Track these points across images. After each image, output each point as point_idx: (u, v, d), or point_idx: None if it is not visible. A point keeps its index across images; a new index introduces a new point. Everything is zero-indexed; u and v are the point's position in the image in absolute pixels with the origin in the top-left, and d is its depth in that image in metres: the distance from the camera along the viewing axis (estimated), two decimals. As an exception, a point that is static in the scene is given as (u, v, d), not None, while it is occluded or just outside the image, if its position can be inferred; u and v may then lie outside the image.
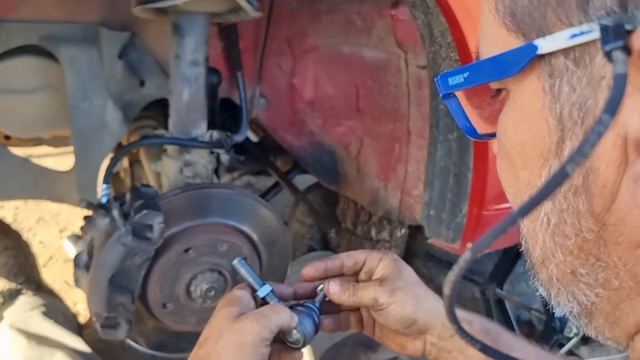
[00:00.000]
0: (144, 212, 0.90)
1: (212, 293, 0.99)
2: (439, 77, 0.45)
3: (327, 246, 1.83)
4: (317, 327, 0.74)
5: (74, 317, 1.52)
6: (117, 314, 0.94)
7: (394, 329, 0.77)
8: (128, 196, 0.98)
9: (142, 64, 1.19)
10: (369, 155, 1.39)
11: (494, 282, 1.58)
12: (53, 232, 2.15)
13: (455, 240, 1.16)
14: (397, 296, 0.74)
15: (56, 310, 1.44)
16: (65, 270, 1.90)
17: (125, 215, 0.94)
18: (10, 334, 1.31)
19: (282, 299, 0.74)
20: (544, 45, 0.34)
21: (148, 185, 1.00)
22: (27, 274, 1.52)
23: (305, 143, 1.49)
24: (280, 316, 0.69)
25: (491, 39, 0.39)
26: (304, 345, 0.73)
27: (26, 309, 1.38)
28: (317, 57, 1.37)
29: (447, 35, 1.01)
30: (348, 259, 0.78)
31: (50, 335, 1.31)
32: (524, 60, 0.35)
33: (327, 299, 0.77)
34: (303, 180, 1.80)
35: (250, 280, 0.73)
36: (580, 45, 0.32)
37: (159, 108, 1.48)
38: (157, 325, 1.04)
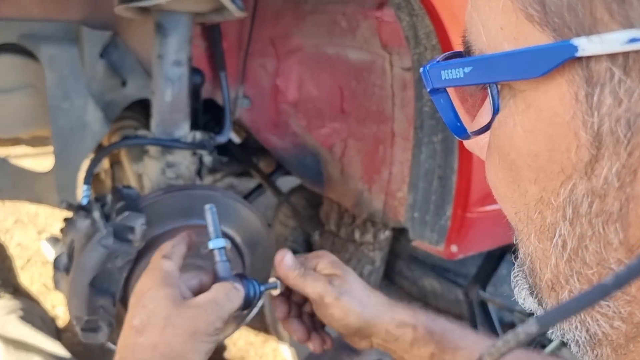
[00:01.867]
0: (126, 213, 0.88)
1: (195, 295, 0.98)
2: (427, 67, 0.39)
3: (311, 248, 1.83)
4: (252, 301, 0.77)
5: (52, 320, 1.50)
6: (97, 317, 0.92)
7: (335, 329, 0.80)
8: (109, 197, 0.96)
9: (124, 63, 1.17)
10: (353, 157, 1.39)
11: (477, 284, 1.59)
12: (31, 233, 2.11)
13: (439, 243, 1.16)
14: (343, 301, 0.76)
15: (34, 314, 1.41)
16: (43, 273, 1.86)
17: (107, 217, 0.92)
18: (-14, 338, 1.28)
19: None
20: (588, 46, 0.28)
21: (129, 187, 0.98)
22: (3, 277, 1.49)
23: (289, 144, 1.48)
24: (233, 304, 0.70)
25: (495, 25, 0.33)
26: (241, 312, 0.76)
27: (3, 313, 1.35)
28: (301, 58, 1.36)
29: (432, 37, 1.01)
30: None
31: (27, 339, 1.28)
32: (555, 61, 0.29)
33: (275, 290, 0.80)
34: (286, 183, 1.79)
35: (212, 229, 0.75)
36: (637, 51, 0.27)
37: (140, 108, 1.47)
38: (139, 329, 1.02)
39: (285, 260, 0.78)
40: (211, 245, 0.77)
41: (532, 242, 0.35)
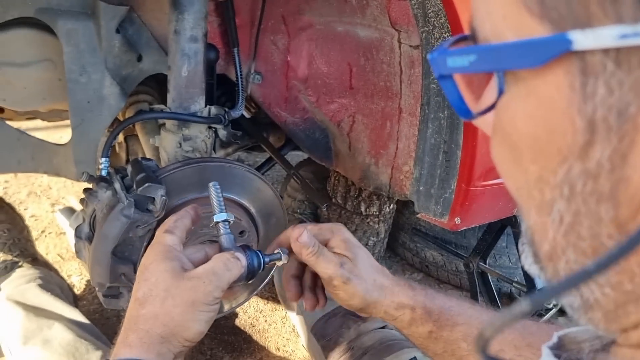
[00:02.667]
0: (146, 184, 0.92)
1: (211, 264, 1.02)
2: (434, 55, 0.40)
3: (318, 221, 1.87)
4: (256, 271, 0.80)
5: (69, 289, 1.55)
6: (119, 283, 0.97)
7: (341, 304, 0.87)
8: (129, 169, 1.00)
9: (140, 38, 1.20)
10: (361, 132, 1.42)
11: (478, 255, 1.64)
12: (44, 205, 2.15)
13: (444, 215, 1.20)
14: (350, 285, 0.82)
15: (52, 282, 1.46)
16: (58, 243, 1.91)
17: (127, 188, 0.96)
18: (7, 305, 1.33)
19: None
20: (583, 40, 0.30)
21: (149, 159, 1.02)
22: (22, 247, 1.53)
23: (299, 119, 1.52)
24: (232, 273, 0.72)
25: (498, 14, 0.35)
26: (245, 282, 0.79)
27: (22, 282, 1.40)
28: (311, 35, 1.39)
29: (441, 15, 1.04)
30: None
31: (47, 307, 1.33)
32: (552, 52, 0.31)
33: (279, 261, 0.85)
34: (292, 158, 1.83)
35: (215, 203, 0.79)
36: (628, 46, 0.29)
37: (154, 83, 1.50)
38: (157, 295, 1.07)
39: (302, 237, 0.82)
40: (215, 218, 0.81)
41: (532, 217, 0.37)
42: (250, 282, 0.84)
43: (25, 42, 1.14)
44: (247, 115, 1.74)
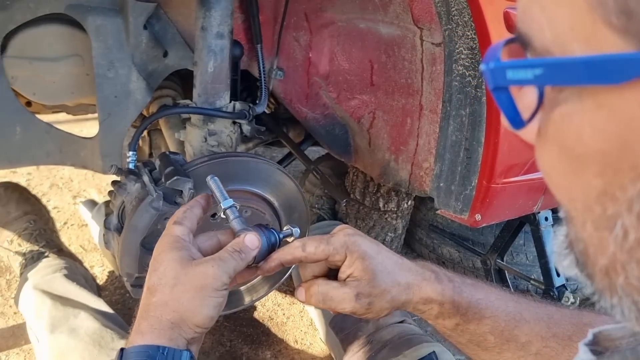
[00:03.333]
0: (175, 178, 0.94)
1: (236, 256, 1.04)
2: (490, 66, 0.37)
3: (336, 216, 1.89)
4: (271, 248, 0.79)
5: (93, 279, 1.58)
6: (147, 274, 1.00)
7: None
8: (157, 162, 1.02)
9: (166, 34, 1.22)
10: (381, 128, 1.44)
11: (495, 252, 1.65)
12: (66, 197, 2.19)
13: (464, 212, 1.22)
14: (373, 307, 0.77)
15: (77, 272, 1.49)
16: (80, 235, 1.95)
17: (155, 181, 0.98)
18: (34, 294, 1.36)
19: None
20: None
21: (176, 153, 1.04)
22: (47, 238, 1.57)
23: (319, 115, 1.53)
24: (242, 256, 0.72)
25: (564, 24, 0.33)
26: (257, 262, 0.78)
27: (49, 272, 1.43)
28: (333, 32, 1.40)
29: (464, 14, 1.05)
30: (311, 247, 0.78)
31: (73, 296, 1.36)
32: (637, 70, 0.29)
33: (290, 238, 0.83)
34: (309, 154, 1.85)
35: (218, 194, 0.80)
36: None
37: (177, 78, 1.53)
38: (182, 286, 1.09)
39: (297, 294, 0.80)
40: (223, 206, 0.81)
41: (587, 230, 0.36)
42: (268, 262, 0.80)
43: (55, 37, 1.17)
44: (267, 110, 1.76)
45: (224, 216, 0.81)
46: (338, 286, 0.77)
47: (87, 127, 2.36)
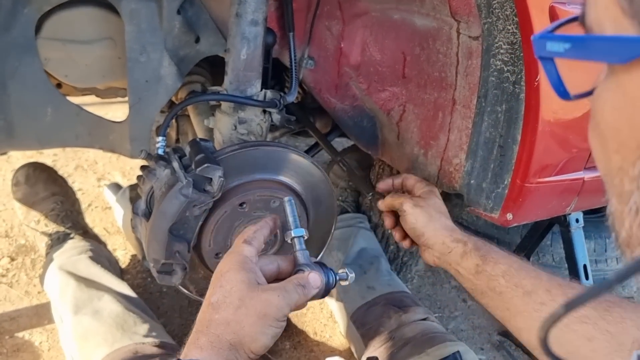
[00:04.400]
0: (205, 165, 0.93)
1: (263, 247, 1.03)
2: (537, 37, 0.42)
3: (359, 209, 1.87)
4: (327, 289, 0.83)
5: (116, 262, 1.59)
6: (173, 261, 0.99)
7: (409, 234, 1.11)
8: (187, 149, 1.01)
9: (198, 20, 1.21)
10: (411, 122, 1.41)
11: (521, 252, 1.62)
12: (91, 180, 2.20)
13: (495, 210, 1.19)
14: (416, 210, 1.07)
15: (102, 255, 1.50)
16: (103, 217, 1.96)
17: (184, 168, 0.98)
18: (60, 275, 1.37)
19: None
20: None
21: (206, 140, 1.03)
22: (73, 220, 1.58)
23: (348, 107, 1.51)
24: (305, 293, 0.75)
25: (602, 4, 0.36)
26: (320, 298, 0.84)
27: (74, 253, 1.44)
28: (366, 22, 1.38)
29: (507, 7, 1.02)
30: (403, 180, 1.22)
31: (97, 278, 1.37)
32: (637, 52, 0.32)
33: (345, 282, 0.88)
34: (335, 145, 1.83)
35: (290, 219, 0.83)
36: None
37: (206, 64, 1.52)
38: (208, 275, 1.09)
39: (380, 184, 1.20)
40: (292, 234, 0.83)
41: (614, 203, 0.39)
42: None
43: (88, 20, 1.16)
44: (294, 100, 1.74)
45: (289, 242, 0.85)
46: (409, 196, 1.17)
47: (113, 111, 2.36)
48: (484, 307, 0.97)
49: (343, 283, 0.87)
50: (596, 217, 1.74)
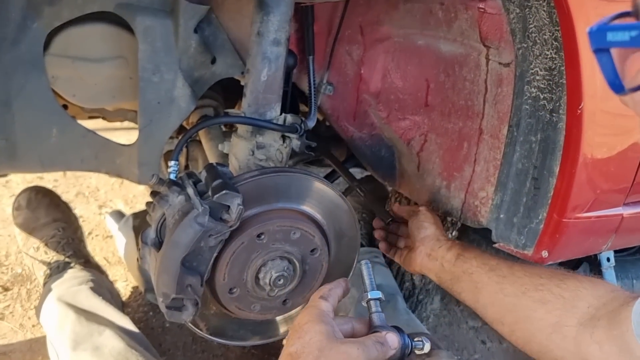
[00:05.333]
0: (224, 192, 0.86)
1: (281, 281, 0.95)
2: (595, 29, 0.43)
3: (373, 242, 1.80)
4: (402, 352, 0.81)
5: (118, 294, 1.50)
6: (184, 295, 0.91)
7: (412, 231, 1.29)
8: (203, 174, 0.94)
9: (215, 40, 1.15)
10: (433, 152, 1.35)
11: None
12: (92, 207, 2.12)
13: (528, 247, 1.11)
14: (429, 213, 1.29)
15: (103, 286, 1.42)
16: (104, 247, 1.87)
17: (200, 194, 0.90)
18: (58, 306, 1.29)
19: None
20: None
21: (223, 165, 0.97)
22: (75, 248, 1.50)
23: (365, 135, 1.45)
24: (381, 352, 0.75)
25: None
26: None
27: (75, 283, 1.36)
28: (388, 48, 1.33)
29: (545, 30, 0.96)
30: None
31: (98, 312, 1.28)
32: None
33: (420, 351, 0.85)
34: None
35: (367, 281, 0.85)
36: None
37: (219, 88, 1.46)
38: (220, 311, 1.00)
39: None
40: (369, 296, 0.85)
41: None
42: None
43: (100, 37, 1.11)
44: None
45: (365, 305, 0.86)
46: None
47: (116, 137, 2.29)
48: (459, 299, 1.11)
49: (419, 352, 0.83)
50: (622, 256, 1.67)
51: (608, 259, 1.38)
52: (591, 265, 1.40)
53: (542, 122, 1.04)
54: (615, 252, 1.63)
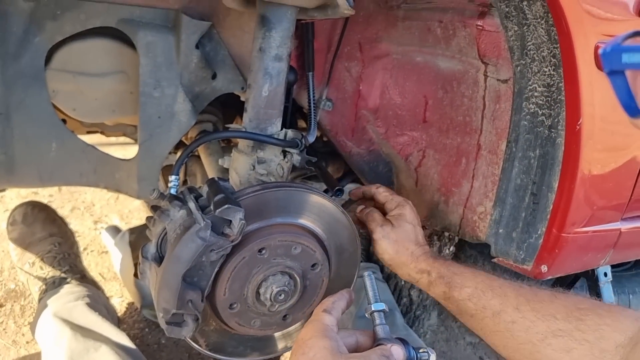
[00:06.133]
0: (226, 206, 0.86)
1: (282, 297, 0.95)
2: (607, 50, 0.42)
3: (370, 258, 1.79)
4: None
5: (114, 310, 1.48)
6: (185, 311, 0.90)
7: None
8: (204, 189, 0.94)
9: (216, 56, 1.16)
10: (431, 167, 1.36)
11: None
12: (87, 222, 2.11)
13: (527, 261, 1.12)
14: (384, 242, 1.11)
15: (99, 302, 1.40)
16: (99, 262, 1.86)
17: (201, 209, 0.90)
18: (54, 323, 1.27)
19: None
20: None
21: (224, 179, 0.96)
22: (71, 263, 1.48)
23: (364, 151, 1.46)
24: None
25: None
26: None
27: (71, 299, 1.34)
28: (387, 64, 1.34)
29: (543, 48, 0.98)
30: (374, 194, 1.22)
31: (94, 328, 1.27)
32: None
33: None
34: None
35: (370, 293, 0.86)
36: None
37: (218, 104, 1.46)
38: (220, 326, 1.00)
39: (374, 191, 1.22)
40: (372, 308, 0.85)
41: None
42: None
43: (102, 52, 1.11)
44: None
45: (369, 317, 0.86)
46: (380, 216, 1.16)
47: (112, 152, 2.29)
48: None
49: None
50: (618, 271, 1.67)
51: (605, 274, 1.38)
52: (588, 280, 1.40)
53: (541, 138, 1.05)
54: (612, 267, 1.63)
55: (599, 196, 1.03)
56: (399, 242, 1.10)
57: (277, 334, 1.11)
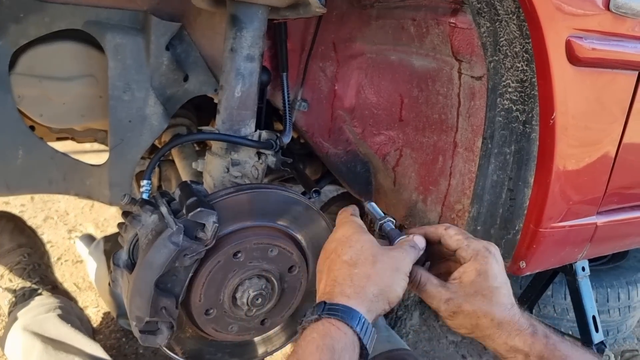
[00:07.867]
0: (198, 209, 0.84)
1: (259, 301, 0.93)
2: None
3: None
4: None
5: (88, 321, 1.44)
6: (159, 318, 0.88)
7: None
8: (177, 193, 0.92)
9: (188, 57, 1.14)
10: (408, 166, 1.35)
11: (524, 304, 1.54)
12: (61, 232, 2.06)
13: (505, 258, 1.12)
14: (456, 319, 0.80)
15: (72, 313, 1.36)
16: (74, 272, 1.81)
17: (174, 213, 0.88)
18: (24, 336, 1.23)
19: None
20: None
21: (197, 182, 0.94)
22: (42, 274, 1.44)
23: (341, 151, 1.44)
24: (416, 252, 0.82)
25: None
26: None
27: (42, 311, 1.30)
28: (361, 64, 1.33)
29: (515, 44, 0.98)
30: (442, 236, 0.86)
31: (67, 340, 1.23)
32: None
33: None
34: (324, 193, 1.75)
35: (376, 214, 0.94)
36: None
37: (191, 107, 1.44)
38: (196, 333, 0.97)
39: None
40: (381, 221, 0.91)
41: None
42: None
43: (69, 56, 1.08)
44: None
45: (378, 231, 0.91)
46: (437, 284, 0.81)
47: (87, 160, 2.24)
48: None
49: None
50: (597, 265, 1.68)
51: (583, 269, 1.39)
52: (567, 275, 1.41)
53: (516, 133, 1.05)
54: (589, 261, 1.64)
55: (575, 191, 1.04)
56: (478, 312, 0.78)
57: (256, 339, 1.09)
